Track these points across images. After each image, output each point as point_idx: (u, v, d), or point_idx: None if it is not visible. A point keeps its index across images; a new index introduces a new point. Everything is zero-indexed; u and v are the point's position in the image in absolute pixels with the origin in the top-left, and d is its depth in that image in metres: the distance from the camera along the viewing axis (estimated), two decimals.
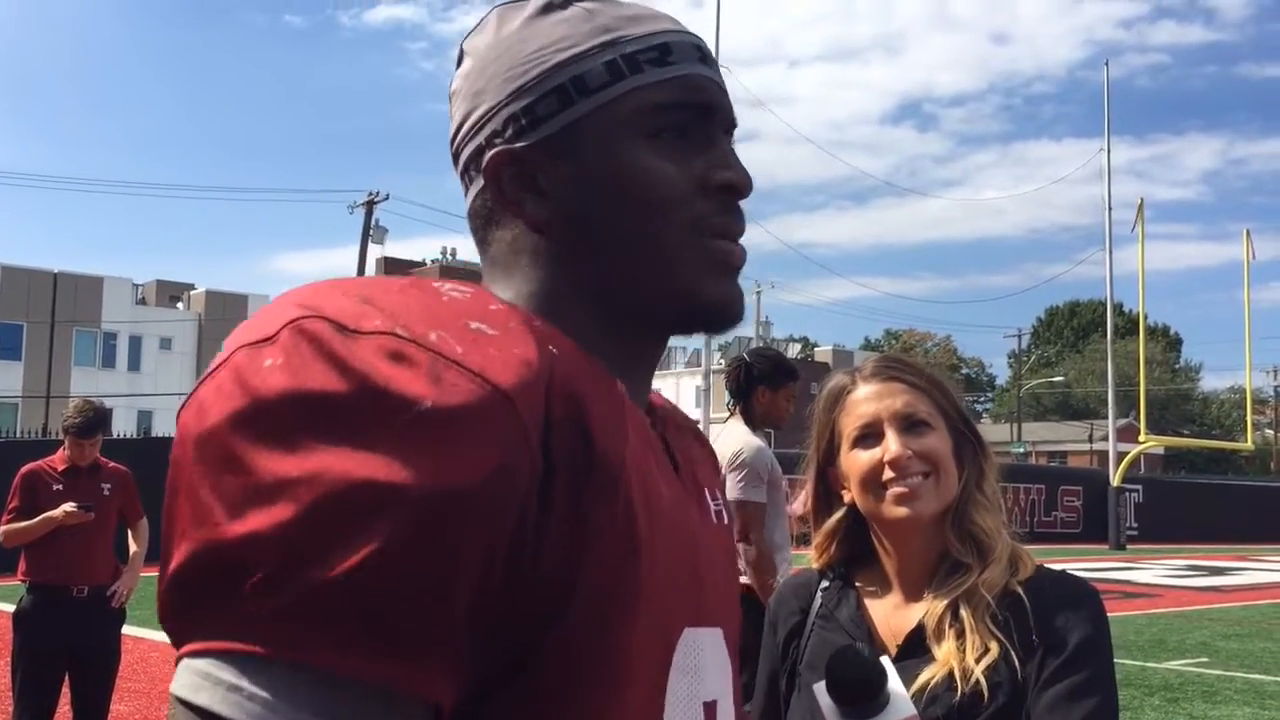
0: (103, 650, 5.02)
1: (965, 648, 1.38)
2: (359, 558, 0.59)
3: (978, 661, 1.36)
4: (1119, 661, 6.38)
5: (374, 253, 33.93)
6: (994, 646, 1.37)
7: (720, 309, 0.82)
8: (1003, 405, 75.96)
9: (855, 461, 1.50)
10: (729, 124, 0.85)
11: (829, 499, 1.57)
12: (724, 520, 0.90)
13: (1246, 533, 33.14)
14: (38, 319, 42.89)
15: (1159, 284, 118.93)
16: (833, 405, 1.56)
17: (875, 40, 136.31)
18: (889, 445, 1.46)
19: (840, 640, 1.46)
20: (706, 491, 0.88)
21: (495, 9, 0.86)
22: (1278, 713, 7.54)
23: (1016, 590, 1.41)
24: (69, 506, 4.93)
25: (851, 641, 1.45)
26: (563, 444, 0.65)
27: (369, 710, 0.60)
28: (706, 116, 0.83)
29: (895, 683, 1.31)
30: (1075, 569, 1.55)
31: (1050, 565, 1.50)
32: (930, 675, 1.37)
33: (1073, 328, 77.84)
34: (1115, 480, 29.55)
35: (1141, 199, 31.45)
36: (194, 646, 0.62)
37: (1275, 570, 21.49)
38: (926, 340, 76.43)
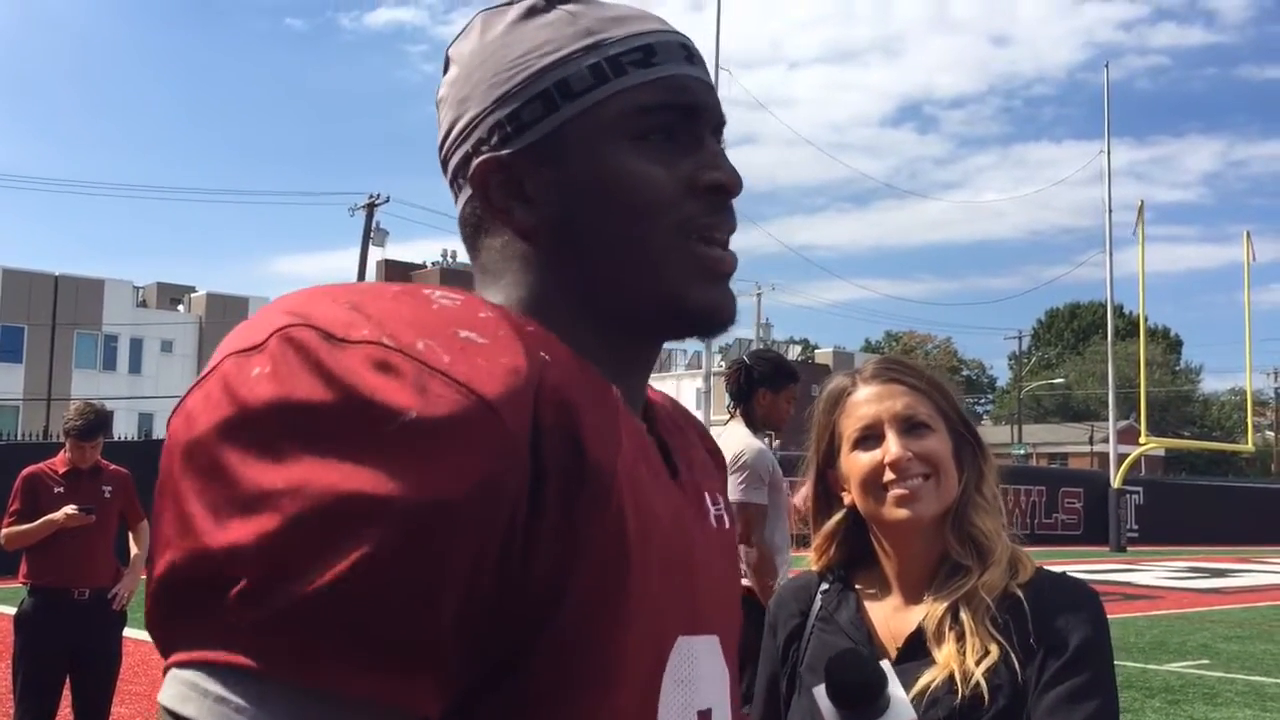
0: (104, 653, 5.02)
1: (965, 650, 1.38)
2: (343, 570, 0.58)
3: (978, 664, 1.36)
4: (1120, 663, 6.37)
5: (375, 255, 33.90)
6: (994, 649, 1.37)
7: (708, 314, 0.82)
8: (1003, 407, 75.95)
9: (855, 463, 1.50)
10: (717, 123, 0.84)
11: (829, 501, 1.57)
12: (725, 524, 0.89)
13: (1247, 534, 33.12)
14: (39, 321, 42.90)
15: (1159, 286, 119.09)
16: (833, 407, 1.56)
17: (875, 42, 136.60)
18: (889, 447, 1.46)
19: (840, 643, 1.46)
20: (707, 496, 0.87)
21: (479, 14, 0.85)
22: (1278, 714, 7.54)
23: (1016, 592, 1.41)
24: (70, 509, 4.93)
25: (851, 644, 1.45)
26: (553, 452, 0.65)
27: None
28: (693, 117, 0.82)
29: (895, 686, 1.31)
30: (1076, 571, 1.55)
31: (1051, 567, 1.50)
32: (930, 678, 1.37)
33: (1073, 329, 77.85)
34: (1116, 482, 29.53)
35: (1142, 201, 31.43)
36: (180, 657, 0.62)
37: (1276, 572, 21.47)
38: (927, 342, 76.43)
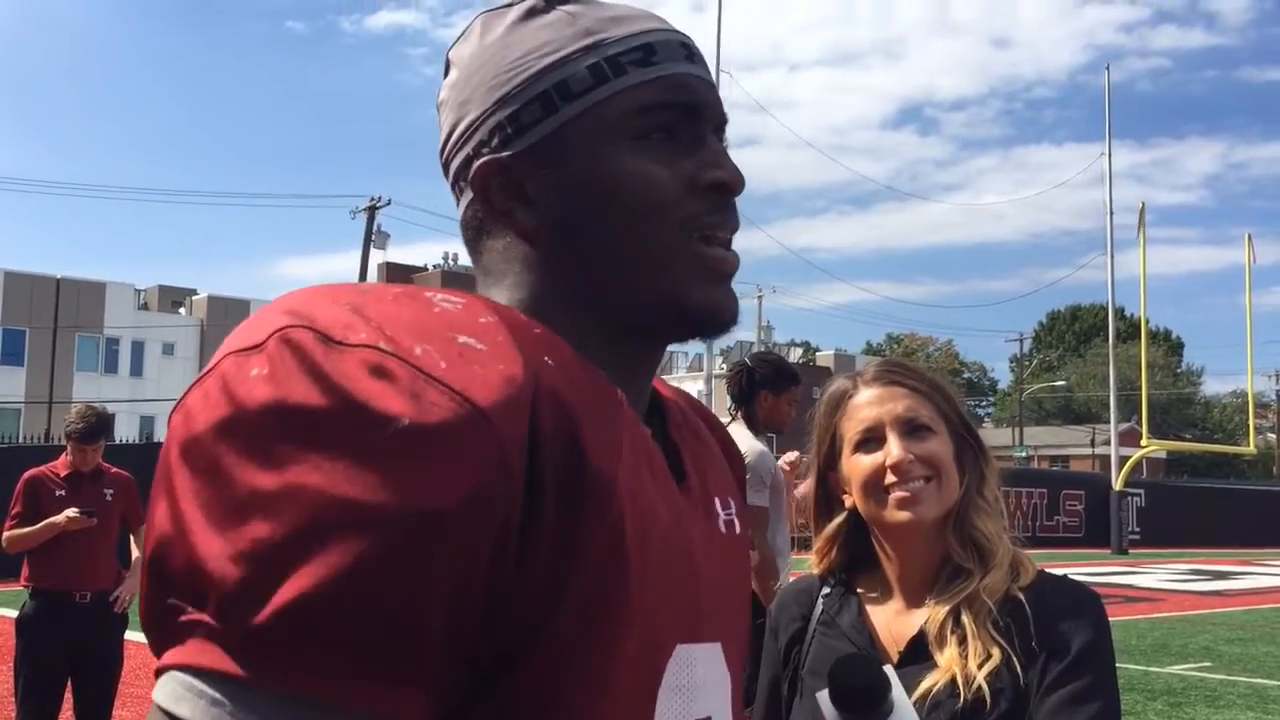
0: (105, 656, 5.03)
1: (967, 654, 1.37)
2: (331, 576, 0.58)
3: (980, 668, 1.36)
4: (1121, 666, 6.37)
5: (376, 258, 33.95)
6: (996, 652, 1.37)
7: (711, 314, 0.81)
8: (1004, 410, 75.92)
9: (857, 466, 1.50)
10: (718, 121, 0.84)
11: (830, 504, 1.57)
12: (735, 530, 0.87)
13: (1249, 537, 33.11)
14: (40, 324, 42.92)
15: (1160, 288, 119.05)
16: (834, 410, 1.56)
17: (875, 45, 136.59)
18: (891, 449, 1.46)
19: (842, 647, 1.46)
20: (717, 501, 0.86)
21: (479, 16, 0.85)
22: None
23: (1018, 596, 1.41)
24: (72, 512, 4.94)
25: (854, 649, 1.45)
26: (551, 458, 0.65)
27: None
28: (694, 115, 0.82)
29: (899, 690, 1.31)
30: (1077, 574, 1.55)
31: (1052, 570, 1.50)
32: (932, 682, 1.37)
33: (1074, 332, 77.79)
34: (1117, 485, 29.51)
35: (1143, 203, 31.40)
36: (174, 658, 0.62)
37: (1278, 574, 21.45)
38: (928, 345, 76.41)
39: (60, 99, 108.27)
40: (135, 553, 5.37)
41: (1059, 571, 1.51)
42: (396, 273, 50.31)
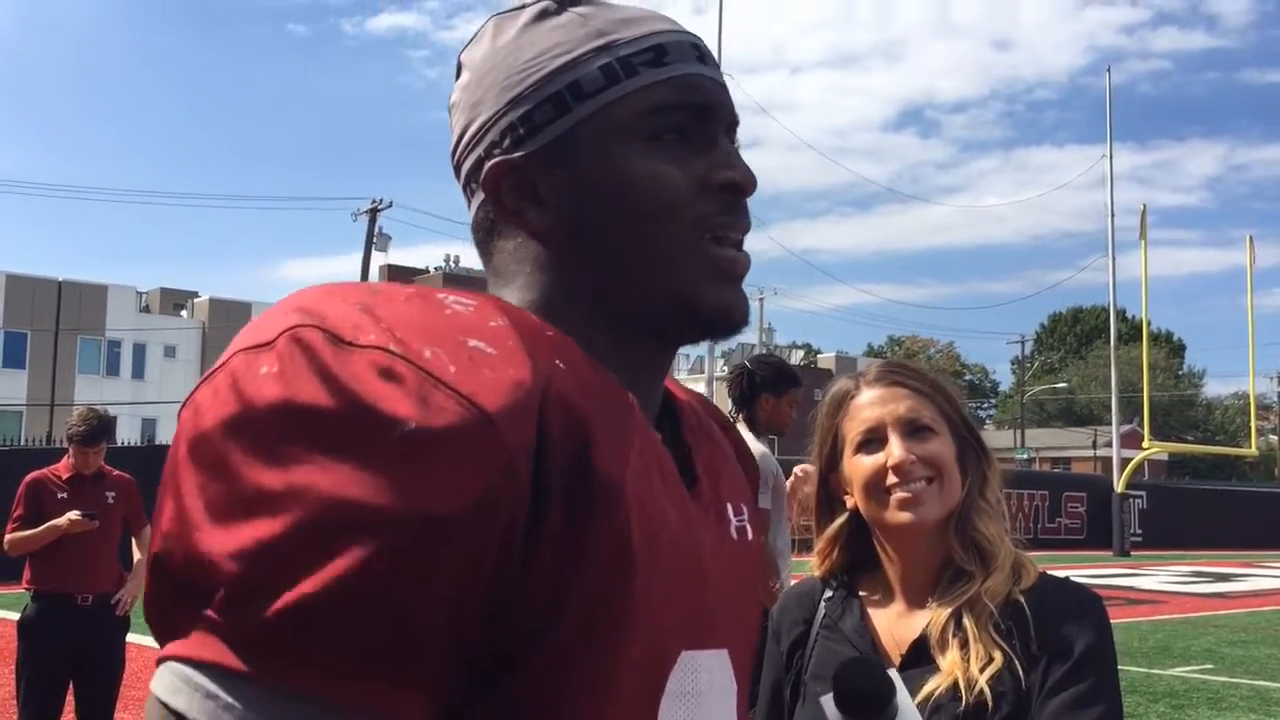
0: (107, 658, 5.02)
1: (969, 657, 1.37)
2: (334, 577, 0.59)
3: (982, 671, 1.36)
4: (1123, 669, 6.36)
5: (377, 260, 33.96)
6: (998, 656, 1.37)
7: (722, 315, 0.81)
8: (1006, 411, 75.89)
9: (858, 466, 1.49)
10: (730, 122, 0.84)
11: (831, 504, 1.57)
12: (746, 535, 0.87)
13: (1251, 539, 33.07)
14: (42, 327, 42.95)
15: (1162, 290, 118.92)
16: (836, 410, 1.55)
17: (876, 47, 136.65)
18: (892, 450, 1.46)
19: (845, 651, 1.46)
20: (729, 506, 0.86)
21: (491, 19, 0.85)
22: None
23: (1020, 599, 1.41)
24: (73, 515, 4.94)
25: (856, 653, 1.44)
26: (558, 463, 0.65)
27: None
28: (706, 116, 0.82)
29: (903, 694, 1.31)
30: (1079, 576, 1.55)
31: (1054, 572, 1.50)
32: (935, 685, 1.37)
33: (1076, 334, 77.75)
34: (1119, 486, 29.48)
35: (1144, 205, 31.39)
36: (174, 650, 0.62)
37: None
38: (929, 346, 76.37)
39: (62, 102, 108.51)
40: (137, 555, 5.38)
41: (1061, 574, 1.51)
42: (398, 275, 50.28)
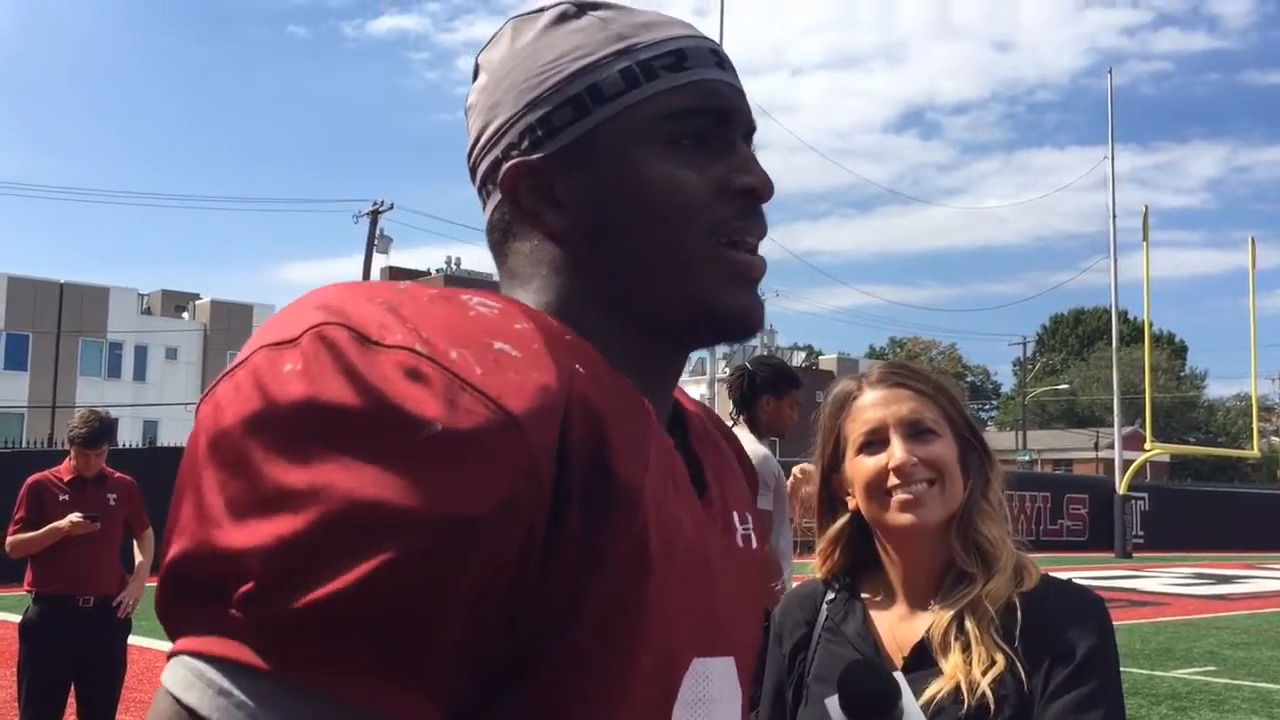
0: (108, 660, 5.03)
1: (971, 660, 1.37)
2: (355, 577, 0.58)
3: (984, 674, 1.35)
4: (1125, 671, 6.35)
5: (379, 262, 33.98)
6: (1000, 658, 1.36)
7: (739, 318, 0.81)
8: (1008, 413, 75.84)
9: (860, 468, 1.49)
10: (748, 128, 0.84)
11: (833, 505, 1.57)
12: (752, 544, 0.87)
13: (1253, 541, 33.04)
14: (43, 329, 42.97)
15: (1163, 291, 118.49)
16: (838, 411, 1.55)
17: (878, 48, 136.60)
18: (894, 451, 1.46)
19: (847, 654, 1.46)
20: (735, 515, 0.86)
21: (509, 21, 0.85)
22: None
23: (1021, 601, 1.41)
24: (75, 517, 4.94)
25: (858, 656, 1.44)
26: (579, 467, 0.65)
27: None
28: (724, 121, 0.82)
29: (908, 697, 1.31)
30: (1081, 577, 1.55)
31: (1056, 574, 1.49)
32: (937, 688, 1.36)
33: (1077, 335, 77.69)
34: (1121, 488, 29.46)
35: (1146, 207, 31.35)
36: (188, 644, 0.62)
37: None
38: (931, 348, 76.32)
39: (62, 104, 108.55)
40: (139, 557, 5.38)
41: (1063, 576, 1.50)
42: (399, 277, 49.97)
